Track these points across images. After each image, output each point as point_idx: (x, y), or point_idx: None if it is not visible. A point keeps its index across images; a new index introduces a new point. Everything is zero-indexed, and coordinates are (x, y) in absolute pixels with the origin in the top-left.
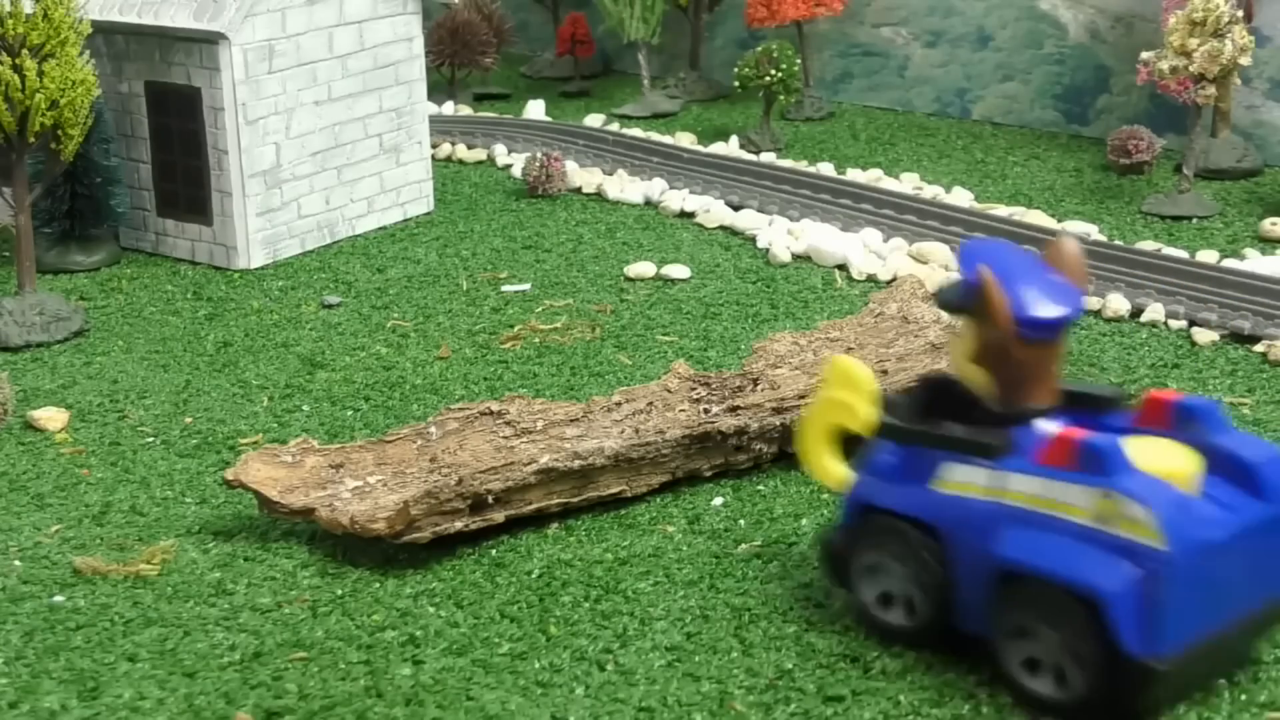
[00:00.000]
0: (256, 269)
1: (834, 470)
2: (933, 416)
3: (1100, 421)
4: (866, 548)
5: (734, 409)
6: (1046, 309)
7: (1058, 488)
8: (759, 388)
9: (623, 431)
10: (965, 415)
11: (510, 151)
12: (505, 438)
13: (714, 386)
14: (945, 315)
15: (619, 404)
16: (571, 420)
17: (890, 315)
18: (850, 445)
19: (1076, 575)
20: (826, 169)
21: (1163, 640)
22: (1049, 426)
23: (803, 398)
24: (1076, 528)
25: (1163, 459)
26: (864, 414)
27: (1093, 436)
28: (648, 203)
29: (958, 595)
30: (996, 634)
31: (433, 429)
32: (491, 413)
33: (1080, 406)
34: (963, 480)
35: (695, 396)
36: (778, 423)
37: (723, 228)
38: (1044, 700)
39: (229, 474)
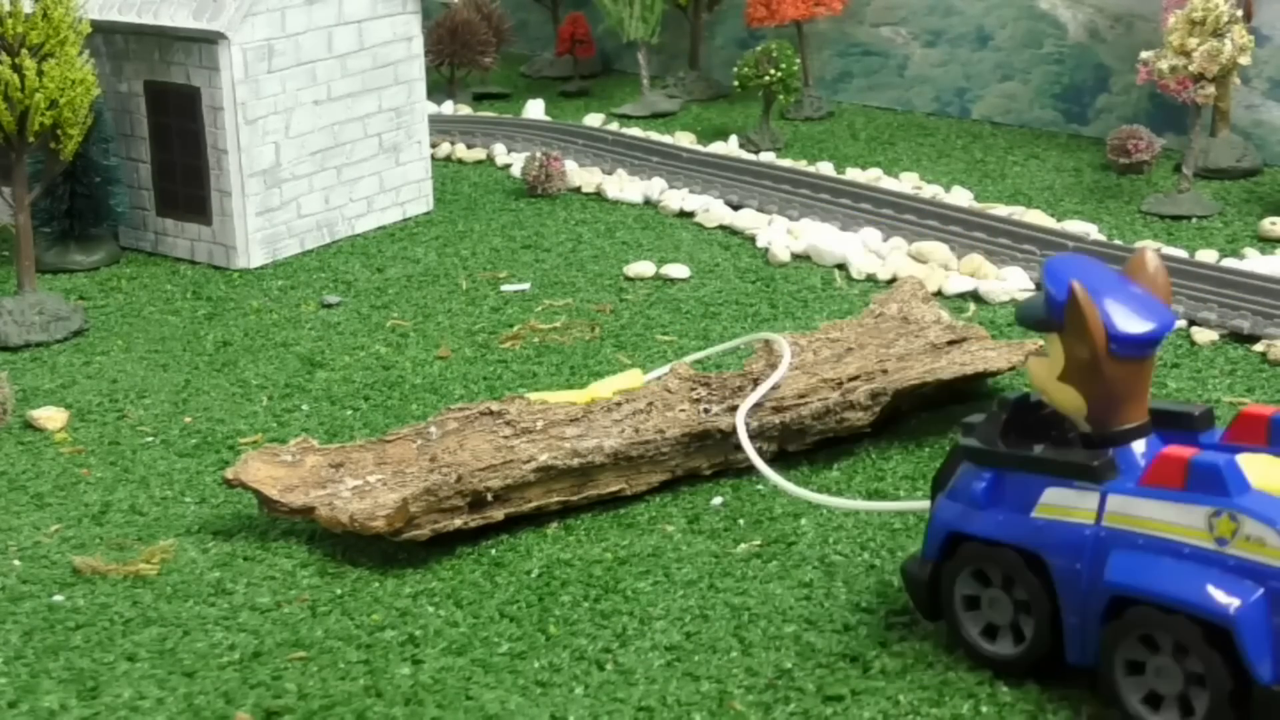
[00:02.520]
0: (256, 269)
1: None
2: (1015, 439)
3: (1193, 439)
4: (962, 578)
5: (734, 409)
6: (1140, 324)
7: (1169, 509)
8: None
9: (622, 431)
10: (1049, 437)
11: (510, 151)
12: (505, 437)
13: (714, 386)
14: (946, 316)
15: (619, 404)
16: (571, 420)
17: (891, 316)
18: None
19: (1200, 600)
20: (826, 168)
21: None
22: (1145, 446)
23: (803, 397)
24: (1193, 550)
25: (1275, 476)
26: None
27: (1205, 455)
28: (647, 202)
29: (1065, 626)
30: (1110, 668)
31: (433, 429)
32: (491, 412)
33: (1169, 425)
34: (1066, 505)
35: (695, 396)
36: (777, 421)
37: (722, 227)
38: None
39: (229, 473)
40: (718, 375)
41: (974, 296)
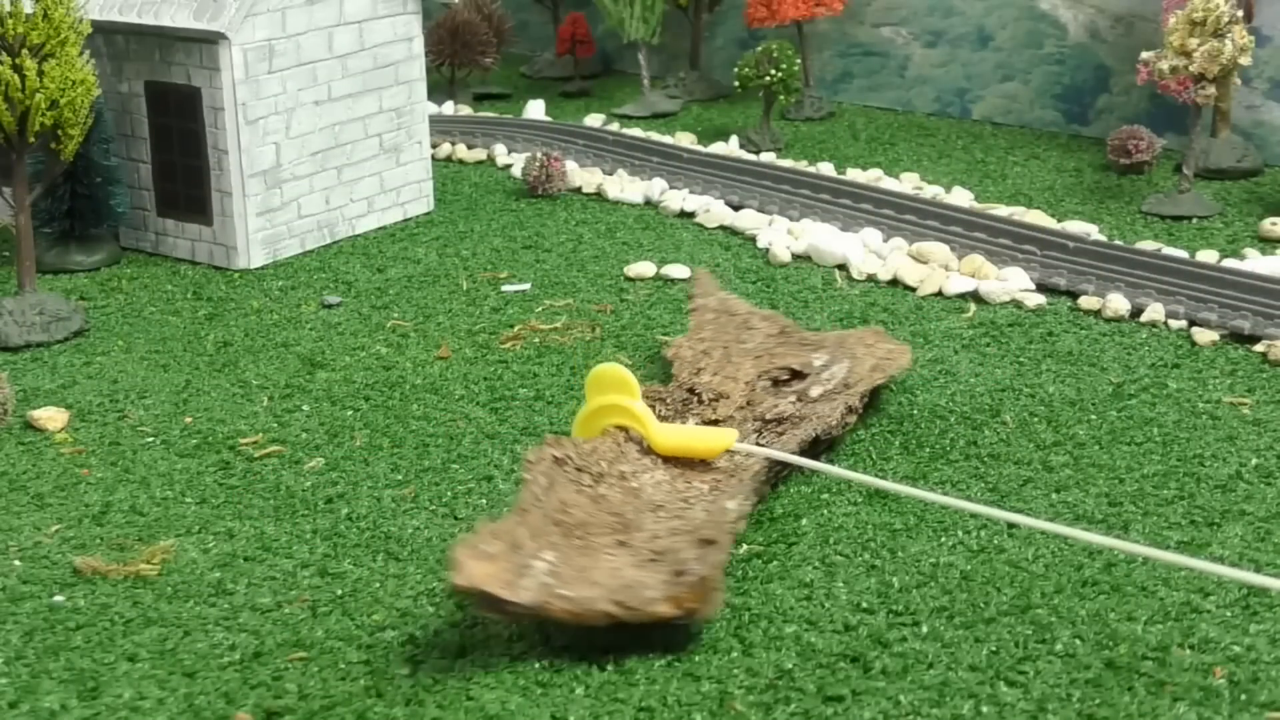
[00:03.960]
0: (256, 269)
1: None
2: None
3: None
4: None
5: (714, 422)
6: None
7: None
8: (705, 400)
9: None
10: None
11: (510, 151)
12: (589, 485)
13: (669, 403)
14: (744, 303)
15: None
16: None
17: (714, 309)
18: None
19: None
20: (826, 169)
21: None
22: None
23: (750, 404)
24: None
25: None
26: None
27: None
28: (648, 202)
29: None
30: None
31: (536, 488)
32: (559, 459)
33: None
34: None
35: (661, 415)
36: (813, 435)
37: (723, 227)
38: None
39: (459, 582)
40: (665, 389)
41: (974, 297)
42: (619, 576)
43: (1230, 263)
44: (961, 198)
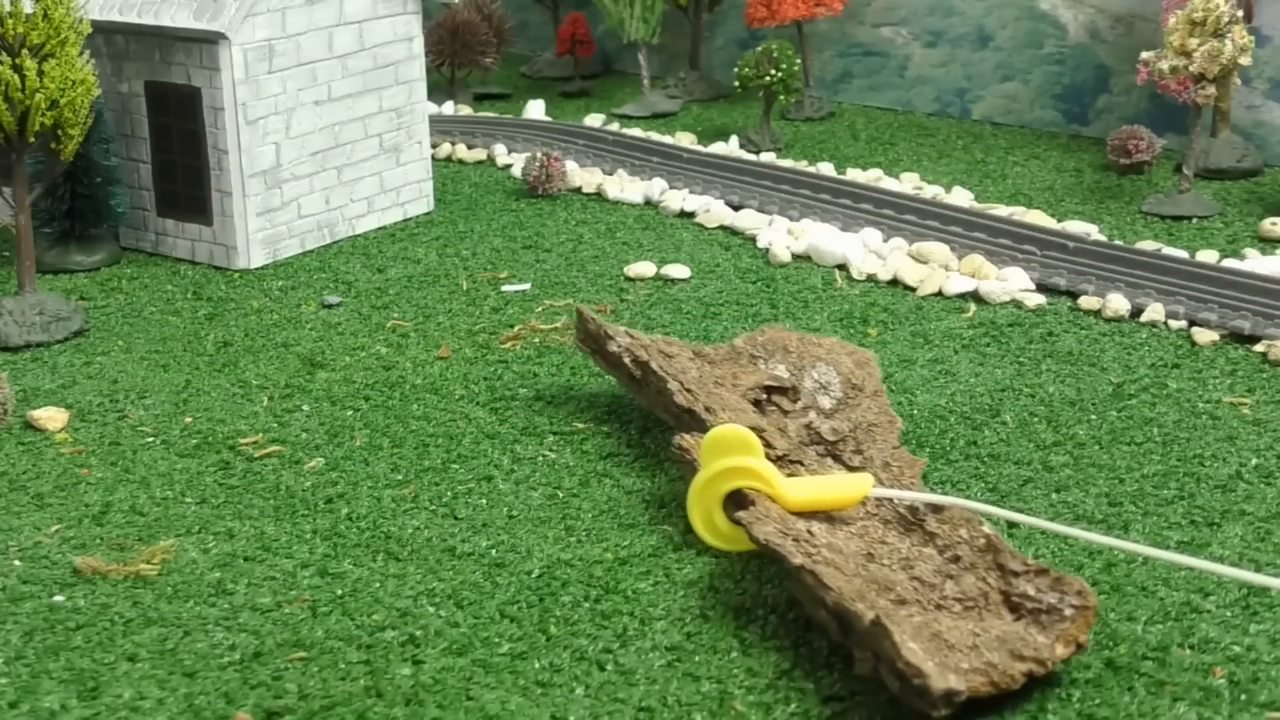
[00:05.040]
0: (256, 269)
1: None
2: None
3: None
4: None
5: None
6: None
7: None
8: (798, 400)
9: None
10: None
11: (510, 151)
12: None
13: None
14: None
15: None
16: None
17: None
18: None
19: None
20: (826, 169)
21: None
22: None
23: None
24: None
25: None
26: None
27: None
28: (648, 203)
29: None
30: None
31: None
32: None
33: None
34: None
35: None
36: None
37: (723, 228)
38: None
39: (939, 686)
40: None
41: (974, 297)
42: (978, 635)
43: (1230, 263)
44: (961, 198)
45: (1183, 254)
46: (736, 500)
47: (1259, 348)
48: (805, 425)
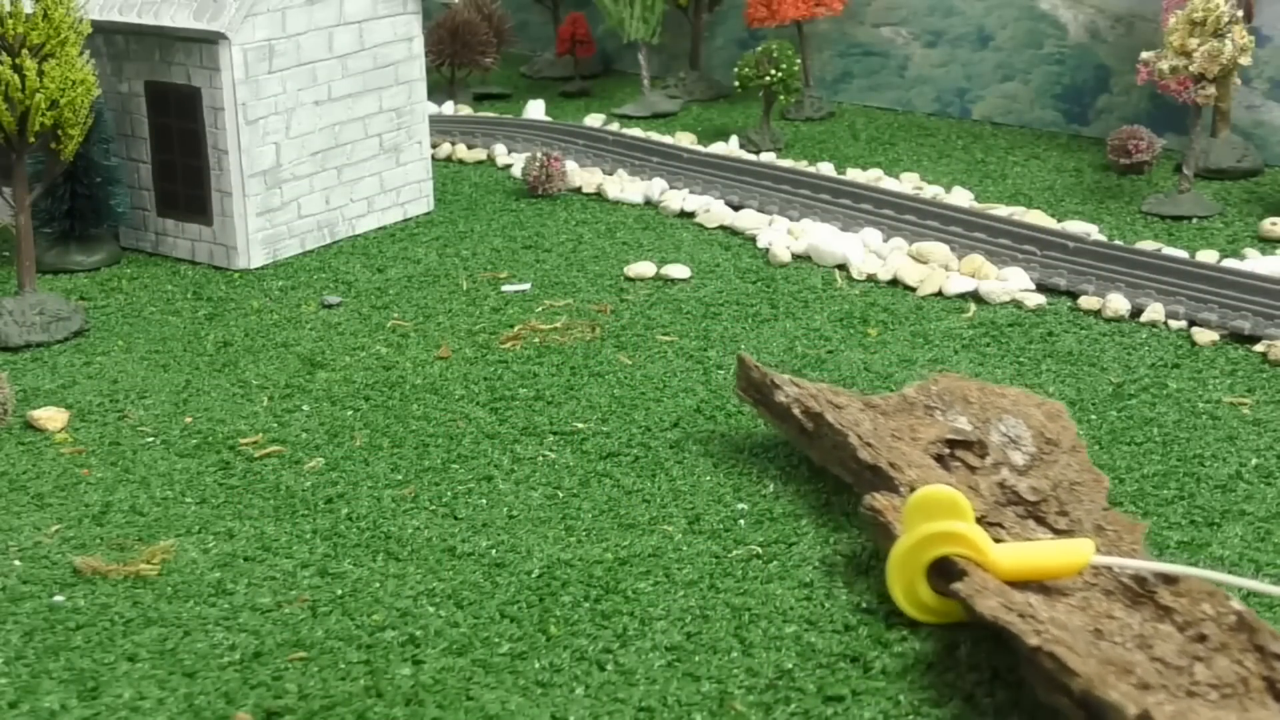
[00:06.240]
0: (256, 269)
1: (931, 600)
2: None
3: None
4: None
5: (1019, 474)
6: None
7: None
8: (987, 456)
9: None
10: None
11: (510, 151)
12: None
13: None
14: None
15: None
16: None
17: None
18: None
19: None
20: (826, 169)
21: None
22: None
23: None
24: None
25: None
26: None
27: None
28: (648, 203)
29: None
30: None
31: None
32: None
33: None
34: None
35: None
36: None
37: (723, 228)
38: None
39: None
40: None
41: (974, 297)
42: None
43: (1230, 263)
44: (961, 198)
45: (1183, 254)
46: (938, 568)
47: (1259, 348)
48: (999, 483)
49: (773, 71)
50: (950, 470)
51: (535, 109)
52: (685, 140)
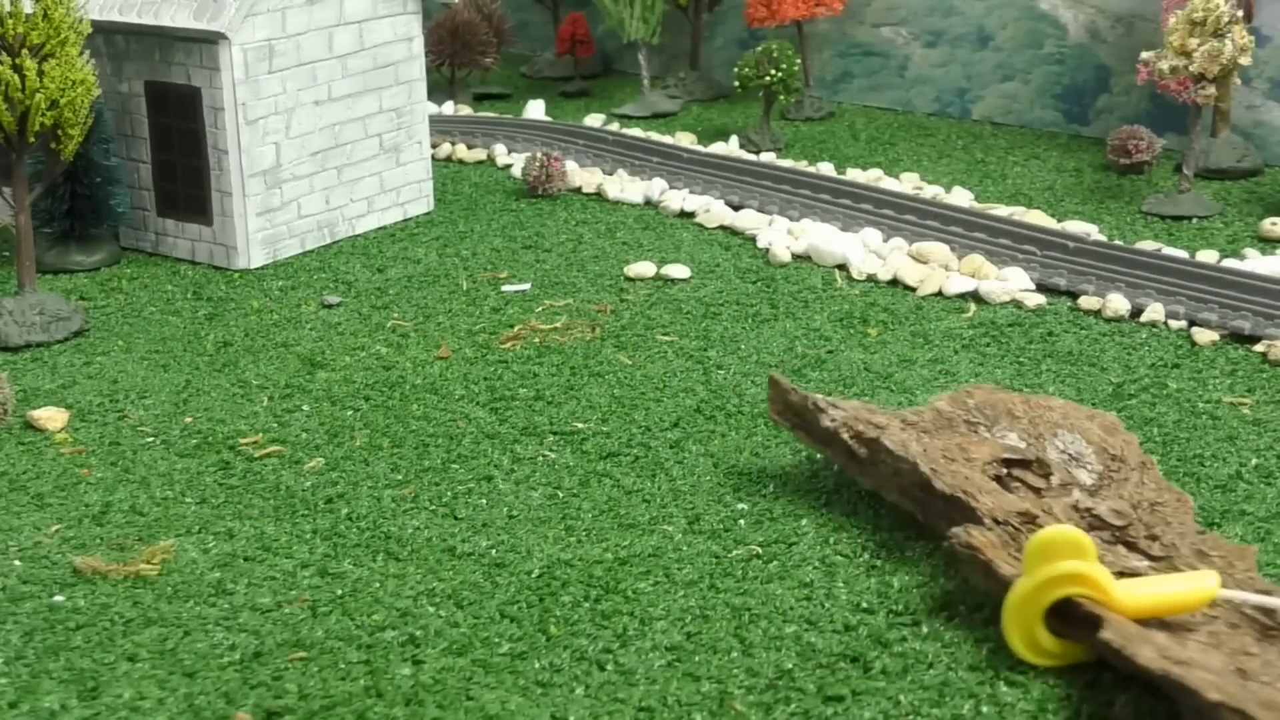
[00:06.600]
0: (256, 269)
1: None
2: None
3: None
4: None
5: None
6: None
7: None
8: (1052, 477)
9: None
10: None
11: (510, 151)
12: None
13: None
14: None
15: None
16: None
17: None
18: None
19: None
20: (826, 169)
21: None
22: None
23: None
24: None
25: None
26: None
27: None
28: (648, 203)
29: None
30: None
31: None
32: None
33: None
34: None
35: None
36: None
37: (723, 228)
38: None
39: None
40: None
41: (974, 297)
42: None
43: (1230, 263)
44: (961, 198)
45: (1183, 254)
46: (1055, 609)
47: (1259, 348)
48: (1072, 506)
49: (773, 71)
50: (1010, 491)
51: (535, 109)
52: (685, 140)
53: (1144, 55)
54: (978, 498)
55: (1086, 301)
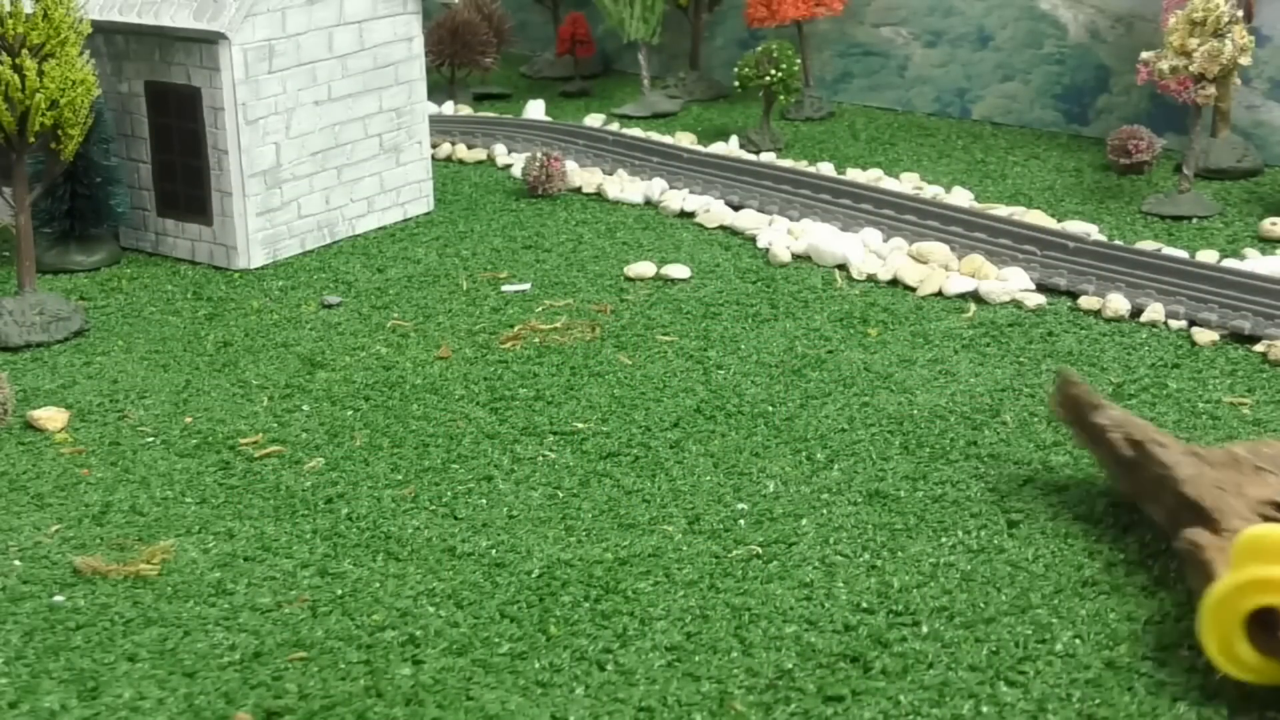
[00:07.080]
0: (256, 269)
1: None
2: None
3: None
4: None
5: None
6: None
7: None
8: None
9: None
10: None
11: (510, 151)
12: None
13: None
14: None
15: None
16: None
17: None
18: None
19: None
20: (826, 169)
21: None
22: None
23: None
24: None
25: None
26: None
27: None
28: (648, 203)
29: None
30: None
31: None
32: None
33: None
34: None
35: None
36: None
37: (723, 228)
38: None
39: None
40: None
41: (974, 297)
42: None
43: (1230, 263)
44: (961, 198)
45: (1183, 254)
46: (1259, 617)
47: (1259, 348)
48: None
49: (773, 71)
50: None
51: (535, 109)
52: (685, 140)
53: (1144, 55)
54: (1227, 517)
55: (1086, 301)
